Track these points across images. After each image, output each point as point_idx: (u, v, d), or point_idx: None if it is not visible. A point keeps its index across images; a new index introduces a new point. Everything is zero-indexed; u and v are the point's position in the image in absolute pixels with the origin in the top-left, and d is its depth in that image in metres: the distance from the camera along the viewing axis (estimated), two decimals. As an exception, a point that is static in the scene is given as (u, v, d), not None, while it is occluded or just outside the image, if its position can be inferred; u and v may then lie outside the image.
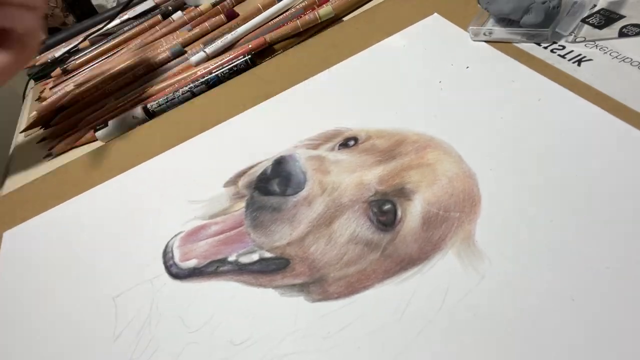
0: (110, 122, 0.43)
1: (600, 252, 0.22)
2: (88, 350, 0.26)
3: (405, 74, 0.36)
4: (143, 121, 0.43)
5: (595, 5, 0.35)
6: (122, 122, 0.43)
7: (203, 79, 0.43)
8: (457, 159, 0.28)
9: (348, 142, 0.32)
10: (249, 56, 0.44)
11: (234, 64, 0.44)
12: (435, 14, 0.40)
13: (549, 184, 0.26)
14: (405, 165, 0.29)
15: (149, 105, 0.43)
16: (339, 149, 0.32)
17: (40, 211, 0.35)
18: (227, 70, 0.43)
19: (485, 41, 0.36)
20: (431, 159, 0.29)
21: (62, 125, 0.47)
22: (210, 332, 0.25)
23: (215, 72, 0.44)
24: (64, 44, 0.63)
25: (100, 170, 0.38)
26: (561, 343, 0.20)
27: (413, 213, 0.26)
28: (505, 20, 0.35)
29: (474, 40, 0.36)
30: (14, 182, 0.42)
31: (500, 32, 0.35)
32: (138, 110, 0.43)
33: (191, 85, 0.43)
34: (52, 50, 0.63)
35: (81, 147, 0.44)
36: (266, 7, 0.50)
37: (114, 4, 0.82)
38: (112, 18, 0.60)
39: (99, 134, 0.42)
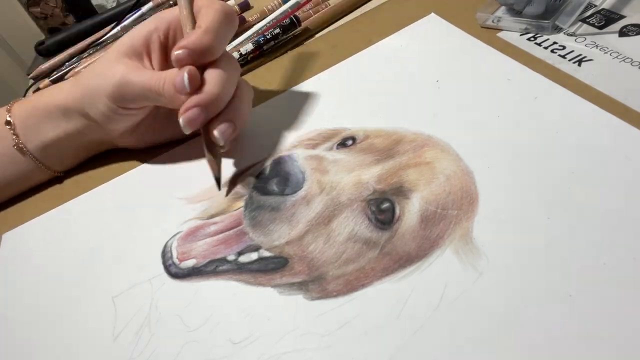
0: None
1: (598, 249, 0.22)
2: (88, 350, 0.26)
3: (402, 74, 0.36)
4: None
5: (595, 5, 0.35)
6: None
7: (255, 40, 0.44)
8: (455, 157, 0.28)
9: (346, 142, 0.32)
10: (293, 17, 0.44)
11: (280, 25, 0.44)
12: (433, 13, 0.40)
13: (546, 181, 0.26)
14: (403, 164, 0.29)
15: None
16: (337, 149, 0.32)
17: (40, 212, 0.35)
18: (273, 33, 0.44)
19: (492, 28, 0.37)
20: (429, 158, 0.29)
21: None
22: (209, 331, 0.25)
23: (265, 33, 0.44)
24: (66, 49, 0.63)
25: (99, 171, 0.38)
26: (559, 339, 0.20)
27: (411, 211, 0.26)
28: (513, 11, 0.36)
29: (481, 27, 0.37)
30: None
31: (507, 20, 0.36)
32: None
33: (242, 49, 0.44)
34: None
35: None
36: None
37: (114, 4, 0.82)
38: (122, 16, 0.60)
39: None
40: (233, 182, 0.32)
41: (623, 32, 0.33)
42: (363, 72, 0.38)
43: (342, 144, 0.32)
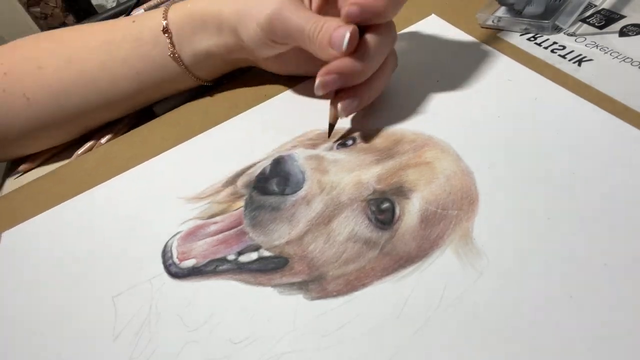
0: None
1: (598, 250, 0.22)
2: (87, 350, 0.26)
3: (403, 74, 0.36)
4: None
5: (595, 5, 0.35)
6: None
7: None
8: (455, 157, 0.28)
9: (346, 142, 0.32)
10: None
11: None
12: (433, 14, 0.40)
13: (546, 182, 0.26)
14: (403, 164, 0.29)
15: None
16: (337, 149, 0.32)
17: (39, 211, 0.35)
18: None
19: (492, 28, 0.37)
20: (429, 158, 0.29)
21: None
22: (209, 331, 0.25)
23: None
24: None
25: (99, 170, 0.38)
26: (559, 340, 0.20)
27: (411, 211, 0.26)
28: (513, 11, 0.36)
29: (481, 27, 0.37)
30: (14, 181, 0.42)
31: (507, 20, 0.36)
32: None
33: None
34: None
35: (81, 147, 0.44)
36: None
37: (114, 4, 0.82)
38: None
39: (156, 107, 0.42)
40: (233, 181, 0.32)
41: (623, 32, 0.33)
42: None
43: (342, 144, 0.32)
